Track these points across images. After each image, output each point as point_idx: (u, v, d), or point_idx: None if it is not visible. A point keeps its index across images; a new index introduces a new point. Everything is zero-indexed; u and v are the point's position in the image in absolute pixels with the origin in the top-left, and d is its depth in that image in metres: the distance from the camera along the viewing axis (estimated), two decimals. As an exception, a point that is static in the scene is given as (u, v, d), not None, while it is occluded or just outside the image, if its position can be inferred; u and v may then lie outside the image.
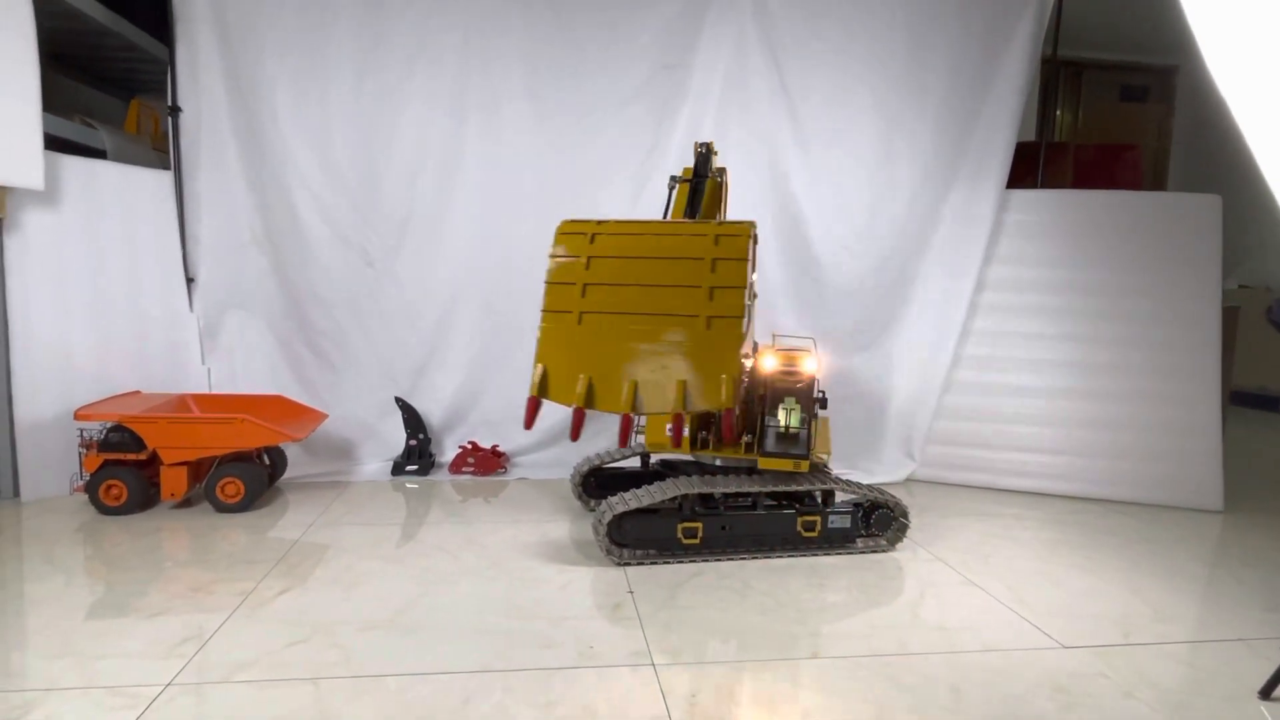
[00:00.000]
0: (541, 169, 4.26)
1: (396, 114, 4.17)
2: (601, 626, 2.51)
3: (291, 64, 4.05)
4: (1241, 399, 7.32)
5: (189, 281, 4.18)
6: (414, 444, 4.28)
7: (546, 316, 2.13)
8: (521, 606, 2.65)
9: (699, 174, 2.53)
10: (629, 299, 2.08)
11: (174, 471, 3.48)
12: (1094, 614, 2.71)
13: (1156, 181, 7.04)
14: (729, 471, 3.20)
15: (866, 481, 3.42)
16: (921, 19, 4.18)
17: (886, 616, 2.66)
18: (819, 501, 3.25)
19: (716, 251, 2.04)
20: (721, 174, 2.50)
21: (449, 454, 4.41)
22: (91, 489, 3.40)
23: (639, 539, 3.05)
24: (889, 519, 3.25)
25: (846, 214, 4.33)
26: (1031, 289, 4.25)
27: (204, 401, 3.96)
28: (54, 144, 3.60)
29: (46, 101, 3.44)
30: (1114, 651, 2.43)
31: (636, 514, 3.01)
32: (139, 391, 3.87)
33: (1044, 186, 4.72)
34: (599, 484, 3.74)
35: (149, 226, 4.03)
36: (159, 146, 4.48)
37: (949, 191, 4.27)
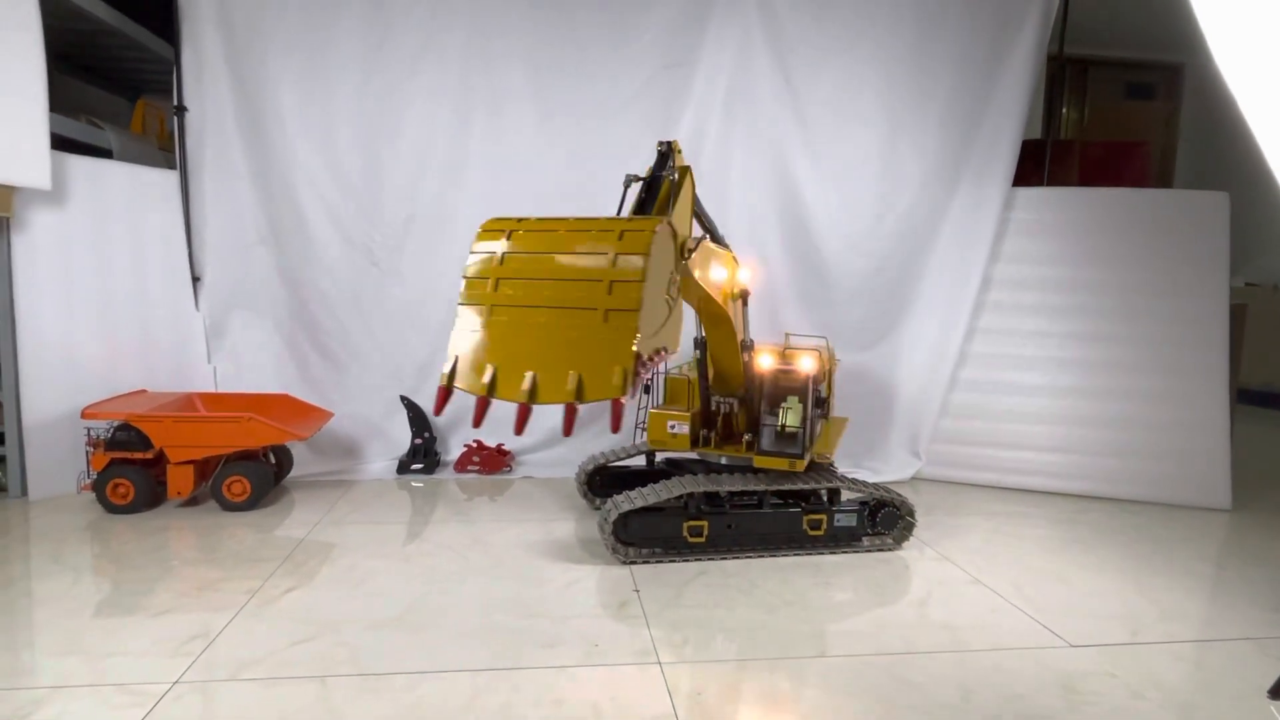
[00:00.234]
0: (544, 169, 4.26)
1: (400, 114, 4.17)
2: (607, 625, 2.51)
3: (296, 64, 4.06)
4: (1249, 397, 7.27)
5: (195, 281, 4.20)
6: (419, 443, 4.29)
7: (461, 310, 2.16)
8: (527, 605, 2.65)
9: (656, 173, 2.54)
10: (535, 293, 2.14)
11: (180, 470, 3.49)
12: (1101, 613, 2.70)
13: (1163, 179, 6.99)
14: (735, 470, 3.20)
15: (873, 480, 3.41)
16: (927, 18, 4.17)
17: (893, 615, 2.65)
18: (825, 500, 3.25)
19: (619, 247, 2.07)
20: (684, 174, 2.50)
21: (454, 453, 4.42)
22: (98, 487, 3.41)
23: (645, 537, 3.05)
24: (895, 517, 3.24)
25: (852, 213, 4.32)
26: (1038, 287, 4.23)
27: (210, 400, 3.97)
28: (60, 143, 3.62)
29: (53, 101, 3.45)
30: (1121, 650, 2.43)
31: (642, 512, 3.01)
32: (145, 390, 3.88)
33: (1050, 184, 4.70)
34: (604, 482, 3.74)
35: (155, 226, 4.05)
36: (165, 146, 4.50)
37: (955, 190, 4.26)
